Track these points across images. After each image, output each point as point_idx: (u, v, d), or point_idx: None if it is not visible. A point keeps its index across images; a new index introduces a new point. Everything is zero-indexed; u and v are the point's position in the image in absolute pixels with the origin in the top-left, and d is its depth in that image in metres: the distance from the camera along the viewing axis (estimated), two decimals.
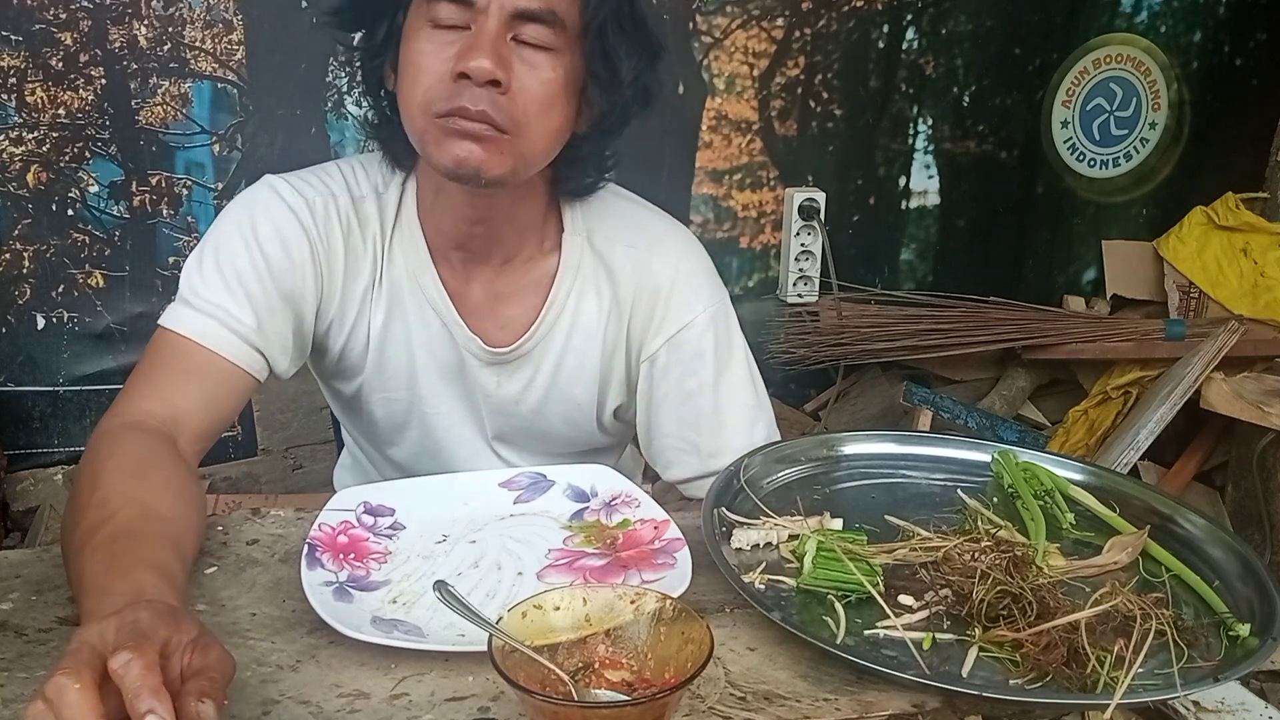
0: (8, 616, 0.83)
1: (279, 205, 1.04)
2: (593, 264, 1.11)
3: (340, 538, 0.93)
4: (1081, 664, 0.76)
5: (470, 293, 1.09)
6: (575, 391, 1.14)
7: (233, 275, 1.01)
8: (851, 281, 2.82)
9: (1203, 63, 3.07)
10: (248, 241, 1.02)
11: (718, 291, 1.14)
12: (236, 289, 1.01)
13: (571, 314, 1.11)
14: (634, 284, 1.11)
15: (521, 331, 1.10)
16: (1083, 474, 1.09)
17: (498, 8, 0.92)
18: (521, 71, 0.94)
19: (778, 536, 0.94)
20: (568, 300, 1.11)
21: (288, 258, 1.03)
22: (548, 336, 1.11)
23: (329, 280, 1.07)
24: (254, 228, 1.03)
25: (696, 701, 0.75)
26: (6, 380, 2.35)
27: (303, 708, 0.74)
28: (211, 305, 1.00)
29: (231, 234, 1.03)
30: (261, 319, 1.01)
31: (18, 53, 2.18)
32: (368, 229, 1.07)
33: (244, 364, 1.01)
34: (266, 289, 1.02)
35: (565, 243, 1.10)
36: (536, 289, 1.10)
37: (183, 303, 1.01)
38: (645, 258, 1.11)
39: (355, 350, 1.11)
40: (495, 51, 0.91)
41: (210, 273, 1.01)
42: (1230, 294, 2.89)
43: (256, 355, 1.02)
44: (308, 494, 2.38)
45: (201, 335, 0.99)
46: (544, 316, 1.10)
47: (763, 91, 2.76)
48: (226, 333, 1.00)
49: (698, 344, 1.12)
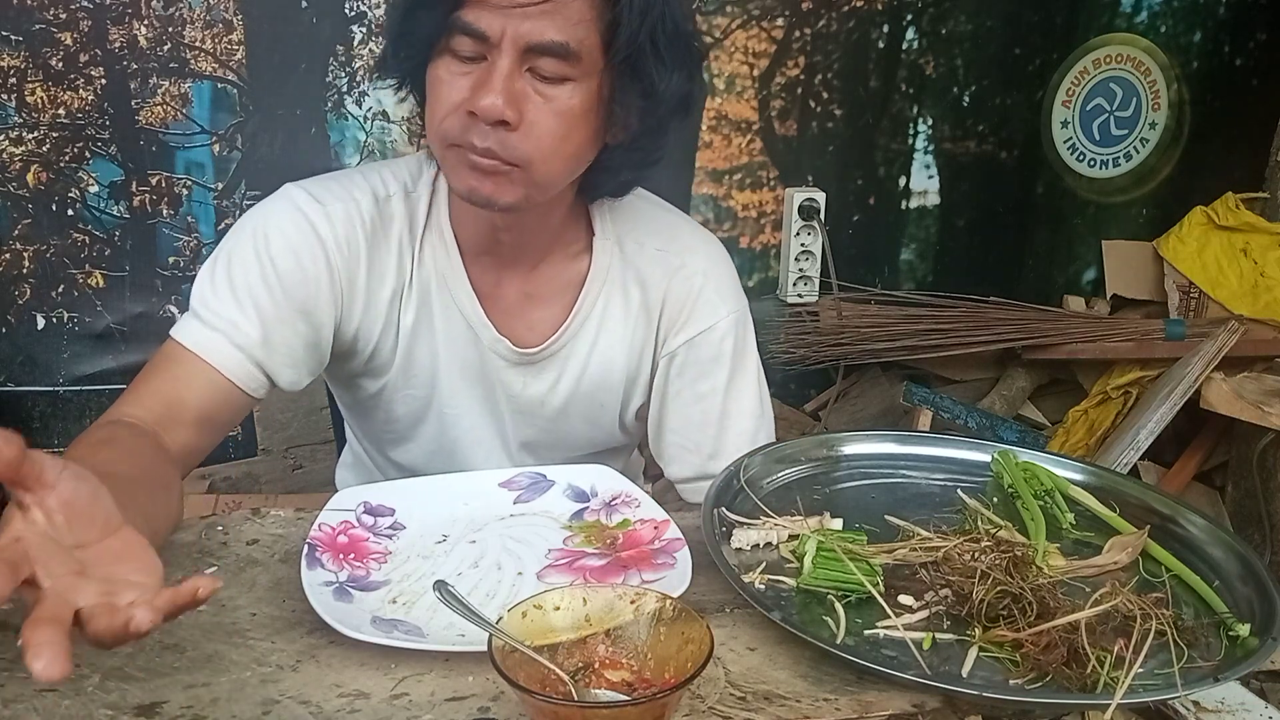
0: (7, 616, 0.83)
1: (294, 216, 1.03)
2: (621, 268, 1.12)
3: (340, 538, 0.93)
4: (1081, 664, 0.76)
5: (502, 294, 1.09)
6: (600, 394, 1.15)
7: (243, 287, 1.00)
8: (851, 281, 2.82)
9: (1203, 63, 3.07)
10: (259, 253, 1.01)
11: (741, 299, 1.16)
12: (246, 301, 1.00)
13: (600, 316, 1.12)
14: (664, 288, 1.12)
15: (549, 333, 1.11)
16: (1083, 474, 1.09)
17: (510, 42, 0.90)
18: (535, 105, 0.92)
19: (778, 536, 0.94)
20: (596, 303, 1.11)
21: (300, 269, 1.02)
22: (575, 338, 1.12)
23: (349, 288, 1.05)
24: (267, 239, 1.01)
25: (696, 701, 0.75)
26: (6, 380, 2.35)
27: (303, 708, 0.74)
28: (218, 318, 0.99)
29: (244, 245, 1.02)
30: (269, 333, 1.00)
31: (18, 53, 2.18)
32: (392, 228, 1.06)
33: (241, 382, 0.99)
34: (277, 301, 1.01)
35: (596, 246, 1.11)
36: (566, 291, 1.11)
37: (192, 314, 1.01)
38: (676, 262, 1.12)
39: (385, 351, 1.10)
40: (506, 89, 0.90)
41: (220, 284, 1.01)
42: (1230, 294, 2.89)
43: (257, 373, 1.01)
44: (308, 494, 2.38)
45: (203, 349, 0.98)
46: (573, 318, 1.11)
47: (763, 91, 2.76)
48: (230, 348, 0.99)
49: (717, 347, 1.14)
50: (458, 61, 0.93)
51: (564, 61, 0.91)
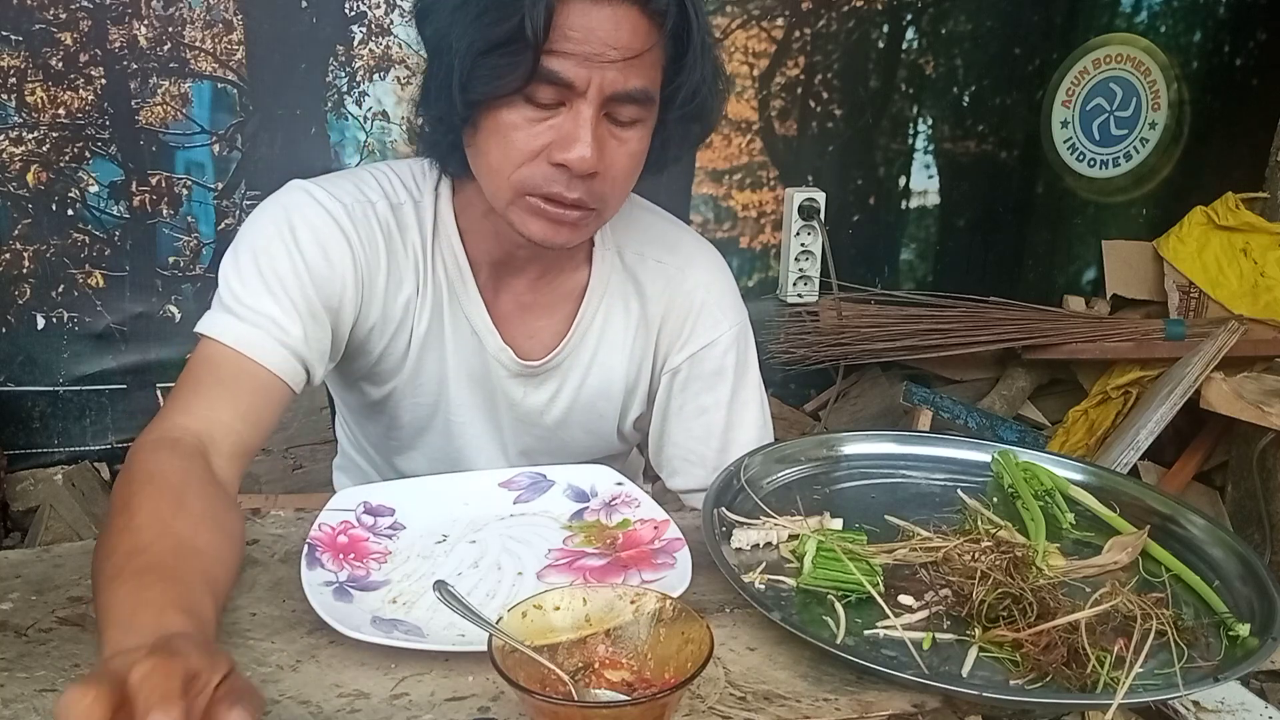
0: (8, 616, 0.83)
1: (316, 209, 1.00)
2: (622, 279, 1.11)
3: (340, 538, 0.93)
4: (1081, 664, 0.76)
5: (499, 303, 1.09)
6: (600, 404, 1.15)
7: (275, 280, 0.97)
8: (851, 281, 2.82)
9: (1203, 63, 3.07)
10: (288, 245, 0.98)
11: (741, 312, 1.16)
12: (281, 295, 0.97)
13: (600, 328, 1.11)
14: (664, 300, 1.12)
15: (551, 344, 1.10)
16: (1083, 474, 1.09)
17: (596, 91, 0.89)
18: (612, 149, 0.93)
19: (778, 536, 0.94)
20: (596, 314, 1.11)
21: (328, 263, 1.00)
22: (577, 350, 1.11)
23: (370, 287, 1.04)
24: (293, 231, 0.99)
25: (696, 701, 0.75)
26: (6, 380, 2.35)
27: (303, 708, 0.74)
28: (256, 314, 0.96)
29: (270, 236, 0.99)
30: (306, 327, 0.98)
31: (18, 53, 2.19)
32: (408, 236, 1.05)
33: (286, 376, 0.97)
34: (308, 295, 0.98)
35: (595, 257, 1.10)
36: (565, 302, 1.10)
37: (224, 309, 0.97)
38: (676, 275, 1.12)
39: (395, 355, 1.09)
40: (596, 140, 0.90)
41: (251, 278, 0.97)
42: (1230, 294, 2.90)
43: (299, 367, 0.98)
44: (308, 494, 2.38)
45: (246, 345, 0.95)
46: (574, 330, 1.10)
47: (763, 91, 2.76)
48: (273, 343, 0.96)
49: (720, 361, 1.13)
50: (534, 108, 0.90)
51: (641, 107, 0.92)
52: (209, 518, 0.83)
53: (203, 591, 0.75)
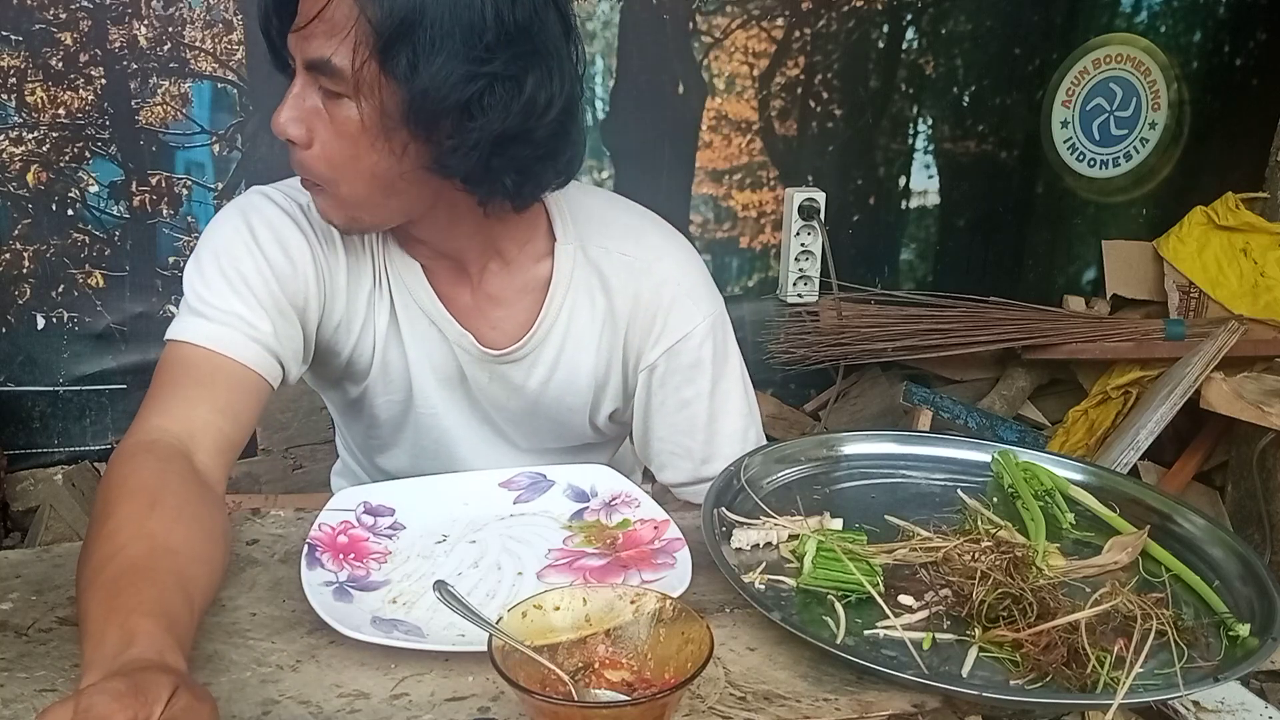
0: (8, 616, 0.83)
1: (274, 210, 1.02)
2: (586, 273, 1.10)
3: (340, 538, 0.93)
4: (1081, 664, 0.76)
5: (456, 295, 1.09)
6: (567, 399, 1.14)
7: (239, 281, 0.98)
8: (851, 281, 2.82)
9: (1203, 63, 3.07)
10: (249, 246, 1.00)
11: (715, 300, 1.14)
12: (247, 295, 0.98)
13: (565, 322, 1.10)
14: (631, 294, 1.10)
15: (516, 335, 1.10)
16: (1083, 474, 1.09)
17: (299, 58, 0.92)
18: (322, 123, 0.93)
19: (778, 536, 0.94)
20: (562, 308, 1.10)
21: (289, 261, 1.01)
22: (543, 343, 1.11)
23: (331, 284, 1.05)
24: (253, 232, 1.00)
25: (696, 701, 0.75)
26: (6, 380, 2.35)
27: (303, 708, 0.74)
28: (224, 313, 0.97)
29: (231, 239, 1.00)
30: (275, 324, 0.99)
31: (18, 53, 2.18)
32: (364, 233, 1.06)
33: (262, 370, 0.98)
34: (274, 293, 1.00)
35: (558, 251, 1.09)
36: (528, 294, 1.09)
37: (191, 313, 0.98)
38: (642, 268, 1.10)
39: (364, 353, 1.10)
40: (295, 108, 0.93)
41: (215, 280, 0.98)
42: (1230, 294, 2.90)
43: (273, 361, 0.99)
44: (308, 494, 2.38)
45: (218, 343, 0.96)
46: (539, 324, 1.09)
47: (763, 91, 2.76)
48: (245, 339, 0.97)
49: (696, 353, 1.12)
50: None
51: (334, 80, 0.91)
52: (186, 516, 0.83)
53: (175, 591, 0.75)
